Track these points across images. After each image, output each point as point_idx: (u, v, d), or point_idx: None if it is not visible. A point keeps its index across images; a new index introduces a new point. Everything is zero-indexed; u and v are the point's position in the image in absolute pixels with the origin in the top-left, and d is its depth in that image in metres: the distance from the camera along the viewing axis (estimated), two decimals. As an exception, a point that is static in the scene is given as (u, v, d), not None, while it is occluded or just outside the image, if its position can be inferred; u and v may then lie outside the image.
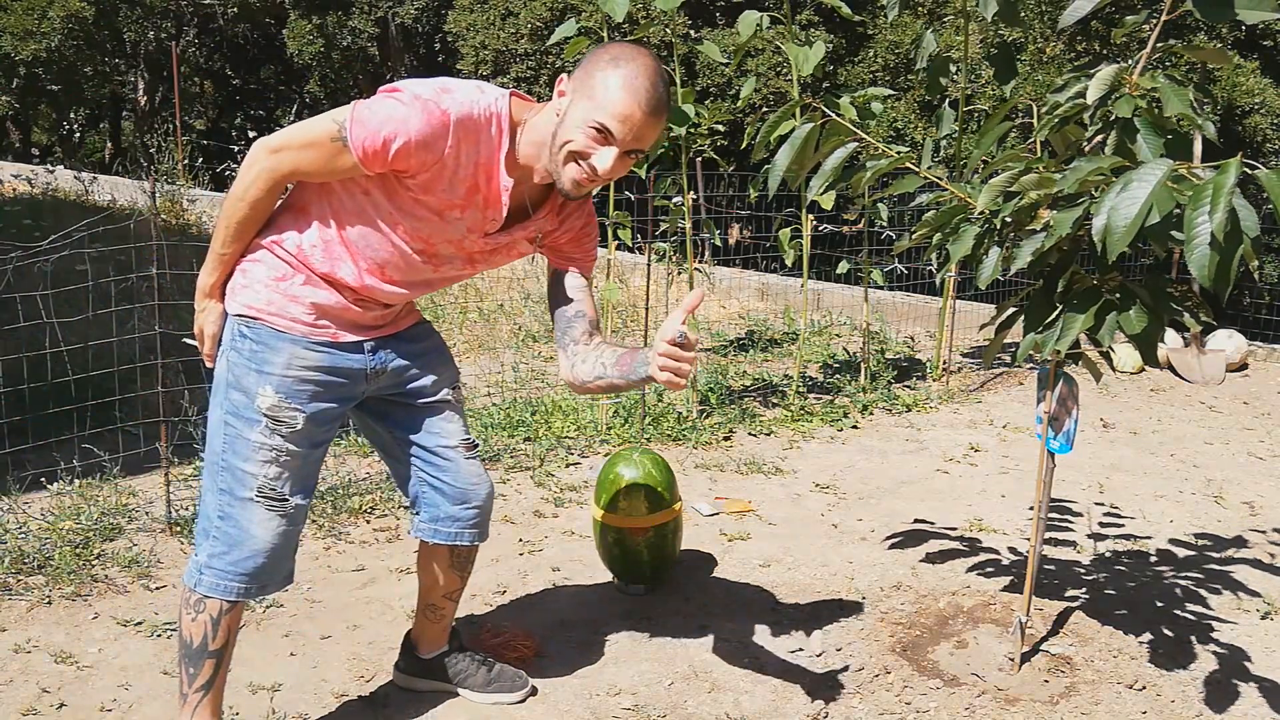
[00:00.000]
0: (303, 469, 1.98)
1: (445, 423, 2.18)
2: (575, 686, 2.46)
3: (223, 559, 1.94)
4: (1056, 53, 8.89)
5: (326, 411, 1.99)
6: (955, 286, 5.23)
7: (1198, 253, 1.66)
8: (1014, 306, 2.33)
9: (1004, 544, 3.30)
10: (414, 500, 2.23)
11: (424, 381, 2.15)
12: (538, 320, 5.97)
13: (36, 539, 2.98)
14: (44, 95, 17.80)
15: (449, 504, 2.19)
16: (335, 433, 2.12)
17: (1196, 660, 2.60)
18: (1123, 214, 1.75)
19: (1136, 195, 1.74)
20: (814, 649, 2.63)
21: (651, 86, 1.80)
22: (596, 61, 1.83)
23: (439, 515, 2.20)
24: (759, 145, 2.42)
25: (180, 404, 3.78)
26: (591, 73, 1.82)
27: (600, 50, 1.85)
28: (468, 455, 2.20)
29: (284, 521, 1.96)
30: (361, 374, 2.03)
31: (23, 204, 8.55)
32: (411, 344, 2.13)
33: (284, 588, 2.04)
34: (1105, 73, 2.06)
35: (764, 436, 4.29)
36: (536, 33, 11.32)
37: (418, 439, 2.16)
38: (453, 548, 2.25)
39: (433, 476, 2.18)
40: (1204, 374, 5.40)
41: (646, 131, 1.83)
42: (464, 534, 2.22)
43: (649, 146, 1.88)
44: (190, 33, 18.18)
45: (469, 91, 1.82)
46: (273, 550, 1.95)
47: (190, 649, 2.00)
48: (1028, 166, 2.05)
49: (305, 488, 2.00)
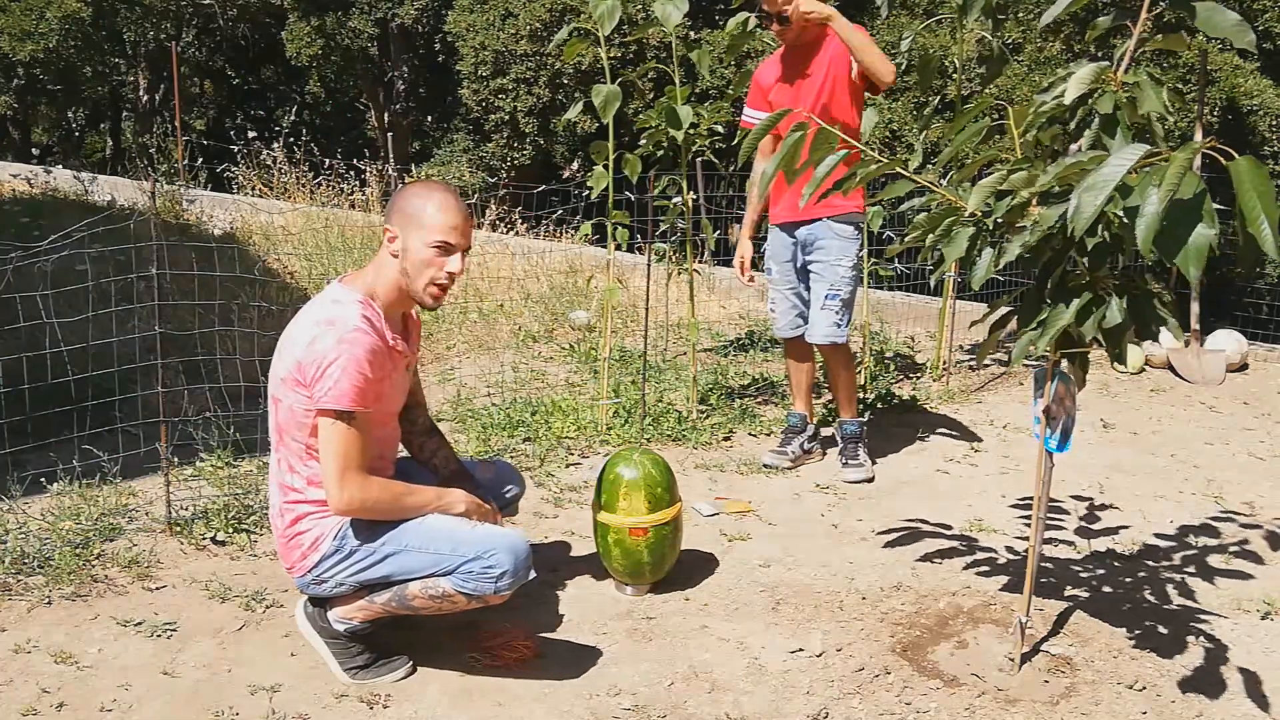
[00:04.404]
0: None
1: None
2: (575, 686, 2.46)
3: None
4: (1054, 53, 8.89)
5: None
6: (955, 287, 5.23)
7: (1143, 222, 1.69)
8: (1006, 306, 2.34)
9: (1004, 544, 3.30)
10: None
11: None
12: (537, 320, 5.97)
13: (36, 539, 2.98)
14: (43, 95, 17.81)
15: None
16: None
17: (1196, 660, 2.60)
18: (1093, 194, 1.77)
19: (1108, 177, 1.77)
20: (814, 649, 2.63)
21: (456, 198, 2.38)
22: (409, 201, 2.36)
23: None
24: (744, 150, 2.42)
25: (180, 404, 3.78)
26: (409, 212, 2.34)
27: (404, 191, 2.40)
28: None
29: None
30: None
31: (22, 204, 8.55)
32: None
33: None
34: (1083, 72, 2.07)
35: (764, 436, 4.29)
36: (536, 34, 11.32)
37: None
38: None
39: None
40: (1204, 374, 5.40)
41: (469, 228, 2.41)
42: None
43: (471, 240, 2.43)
44: (190, 32, 18.18)
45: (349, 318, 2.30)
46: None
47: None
48: (1017, 165, 2.05)
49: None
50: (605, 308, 4.41)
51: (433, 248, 2.33)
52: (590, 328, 5.87)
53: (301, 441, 2.35)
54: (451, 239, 2.34)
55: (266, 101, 21.75)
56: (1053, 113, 2.14)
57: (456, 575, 2.32)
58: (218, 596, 2.82)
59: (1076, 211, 1.79)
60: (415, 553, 2.34)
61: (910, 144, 8.70)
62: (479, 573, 2.31)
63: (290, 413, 2.34)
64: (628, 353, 5.29)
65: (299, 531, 2.40)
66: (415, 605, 2.39)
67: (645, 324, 4.42)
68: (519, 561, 2.33)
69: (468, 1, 12.42)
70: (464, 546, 2.32)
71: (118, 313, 3.73)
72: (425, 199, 2.35)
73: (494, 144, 12.63)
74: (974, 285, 2.18)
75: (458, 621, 2.66)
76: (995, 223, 2.12)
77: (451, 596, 2.35)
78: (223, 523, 3.17)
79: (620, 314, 5.96)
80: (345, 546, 2.37)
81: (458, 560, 2.32)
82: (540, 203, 7.71)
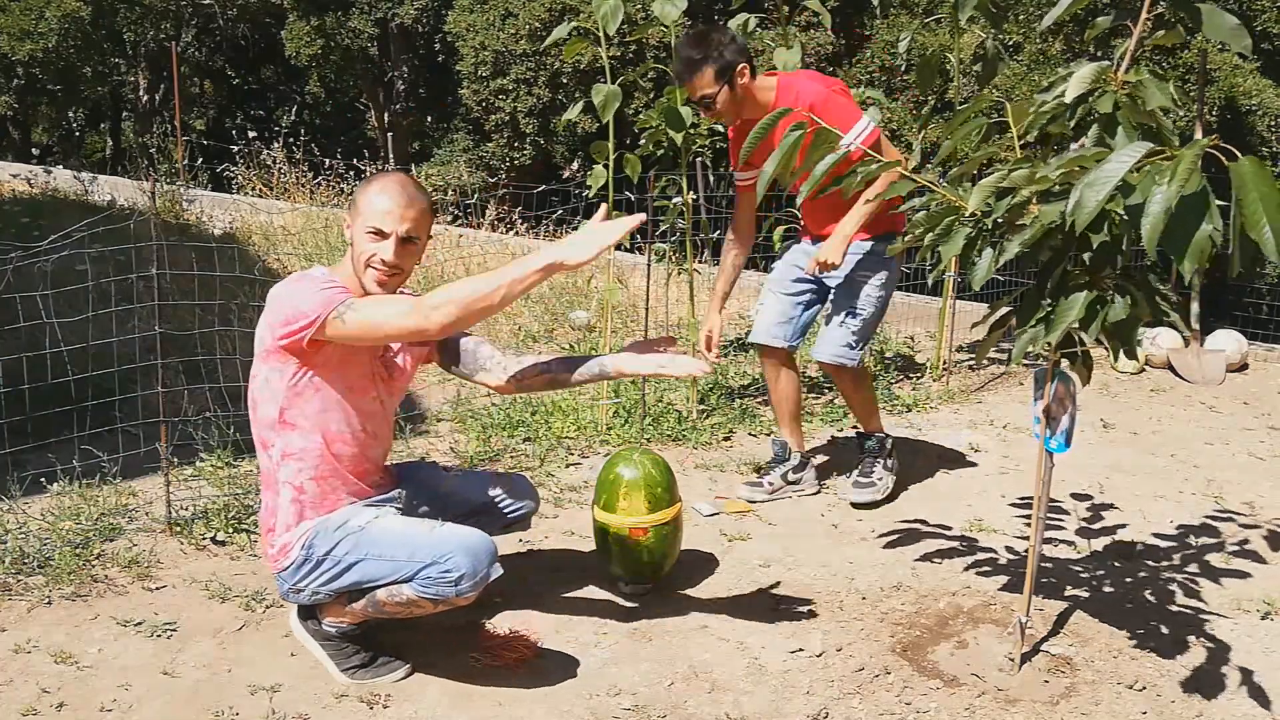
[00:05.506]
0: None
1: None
2: (575, 686, 2.46)
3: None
4: (1054, 52, 8.90)
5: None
6: (954, 287, 5.23)
7: (1149, 220, 1.68)
8: (1007, 305, 2.34)
9: (1004, 544, 3.30)
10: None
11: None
12: (538, 320, 5.97)
13: (36, 539, 2.98)
14: (43, 95, 17.80)
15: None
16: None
17: (1197, 660, 2.60)
18: (1095, 190, 1.76)
19: (1111, 173, 1.76)
20: (814, 649, 2.63)
21: (400, 185, 2.33)
22: (362, 193, 2.35)
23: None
24: (744, 150, 2.43)
25: (180, 404, 3.78)
26: (358, 202, 2.34)
27: (362, 185, 2.38)
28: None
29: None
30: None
31: (22, 204, 8.54)
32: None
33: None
34: (1084, 71, 2.07)
35: (764, 436, 4.28)
36: (536, 33, 11.32)
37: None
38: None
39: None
40: (1204, 374, 5.40)
41: (411, 215, 2.32)
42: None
43: (426, 231, 2.37)
44: (190, 33, 18.18)
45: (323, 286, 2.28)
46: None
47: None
48: (1018, 163, 2.05)
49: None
50: (605, 307, 4.41)
51: (368, 234, 2.30)
52: (590, 327, 5.87)
53: (273, 411, 2.34)
54: (384, 224, 2.29)
55: (266, 101, 21.75)
56: (1054, 111, 2.14)
57: (416, 582, 2.30)
58: (218, 596, 2.82)
59: (1078, 206, 1.78)
60: (375, 560, 2.33)
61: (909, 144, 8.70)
62: (437, 578, 2.28)
63: (265, 384, 2.34)
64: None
65: (270, 528, 2.42)
66: (388, 611, 2.38)
67: (645, 324, 4.42)
68: (477, 563, 2.30)
69: (468, 1, 12.43)
70: (420, 552, 2.30)
71: (118, 313, 3.73)
72: (373, 190, 2.34)
73: (494, 144, 12.63)
74: (975, 285, 2.18)
75: (458, 622, 2.67)
76: (995, 222, 2.12)
77: (417, 602, 2.33)
78: (223, 523, 3.17)
79: (620, 314, 5.96)
80: (313, 556, 2.36)
81: (416, 566, 2.29)
82: (540, 203, 7.71)
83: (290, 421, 2.35)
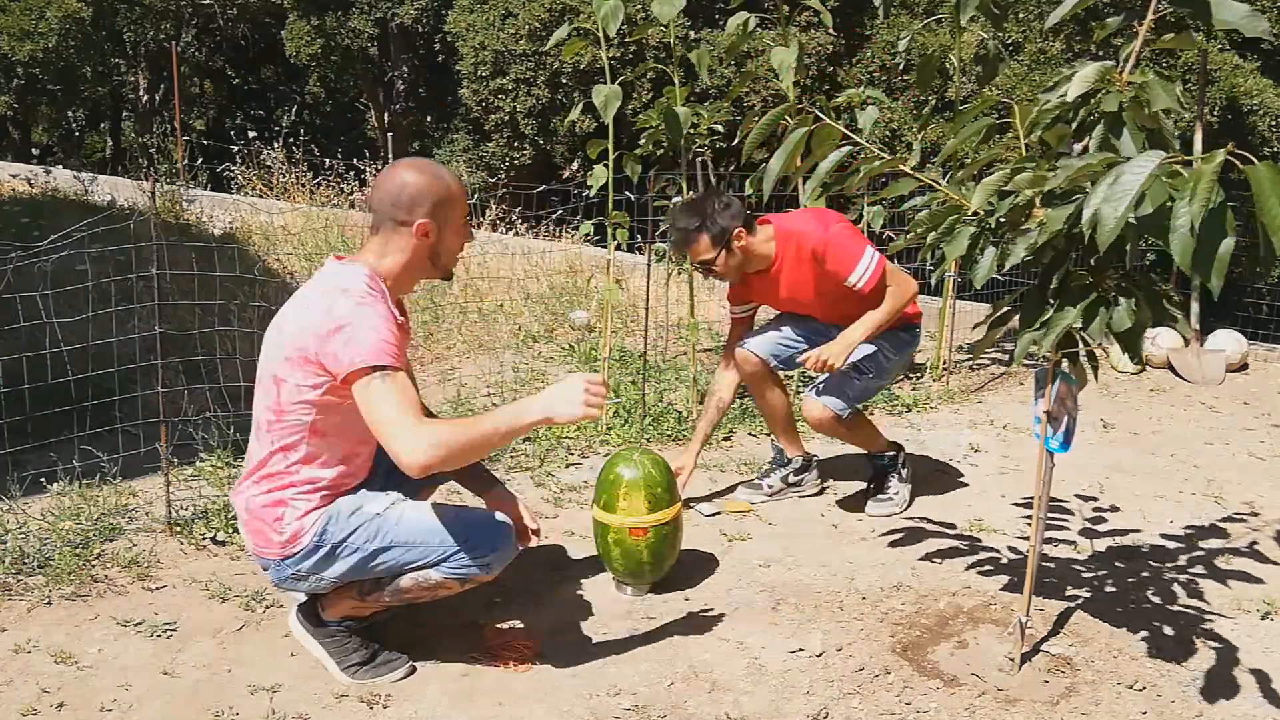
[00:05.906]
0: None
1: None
2: (575, 686, 2.46)
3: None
4: (1055, 52, 8.89)
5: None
6: (955, 286, 5.23)
7: (1178, 239, 1.68)
8: (1008, 305, 2.34)
9: (1004, 544, 3.30)
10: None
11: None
12: (537, 320, 5.97)
13: (36, 539, 2.98)
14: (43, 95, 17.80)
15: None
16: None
17: (1196, 660, 2.60)
18: (1114, 205, 1.76)
19: (1127, 186, 1.75)
20: (814, 649, 2.63)
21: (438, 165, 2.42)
22: (438, 182, 2.34)
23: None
24: (748, 148, 2.43)
25: (180, 404, 3.78)
26: (446, 193, 2.35)
27: (411, 183, 2.33)
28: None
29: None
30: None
31: (22, 204, 8.54)
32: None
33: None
34: (1086, 71, 2.06)
35: (764, 437, 4.28)
36: (535, 33, 11.32)
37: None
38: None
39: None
40: (1204, 374, 5.40)
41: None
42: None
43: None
44: (190, 32, 18.17)
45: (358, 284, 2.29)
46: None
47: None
48: (1020, 165, 2.05)
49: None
50: (605, 308, 4.41)
51: (464, 223, 2.43)
52: (590, 328, 5.87)
53: (305, 421, 2.30)
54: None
55: (266, 101, 21.74)
56: (1057, 111, 2.14)
57: (446, 565, 2.35)
58: (218, 596, 2.82)
59: (1099, 224, 1.75)
60: (401, 548, 2.35)
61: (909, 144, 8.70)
62: (469, 560, 2.35)
63: (296, 390, 2.27)
64: (628, 353, 5.28)
65: (277, 517, 2.34)
66: (409, 597, 2.42)
67: (645, 324, 4.42)
68: (505, 543, 2.40)
69: (468, 1, 12.42)
70: (449, 538, 2.35)
71: (118, 313, 3.73)
72: (439, 175, 2.37)
73: (494, 144, 12.62)
74: (976, 284, 2.18)
75: (458, 621, 2.67)
76: (998, 222, 2.12)
77: (444, 584, 2.38)
78: (223, 523, 3.16)
79: (620, 314, 5.96)
80: (325, 542, 2.33)
81: (446, 551, 2.35)
82: (540, 203, 7.72)
83: (320, 430, 2.31)
